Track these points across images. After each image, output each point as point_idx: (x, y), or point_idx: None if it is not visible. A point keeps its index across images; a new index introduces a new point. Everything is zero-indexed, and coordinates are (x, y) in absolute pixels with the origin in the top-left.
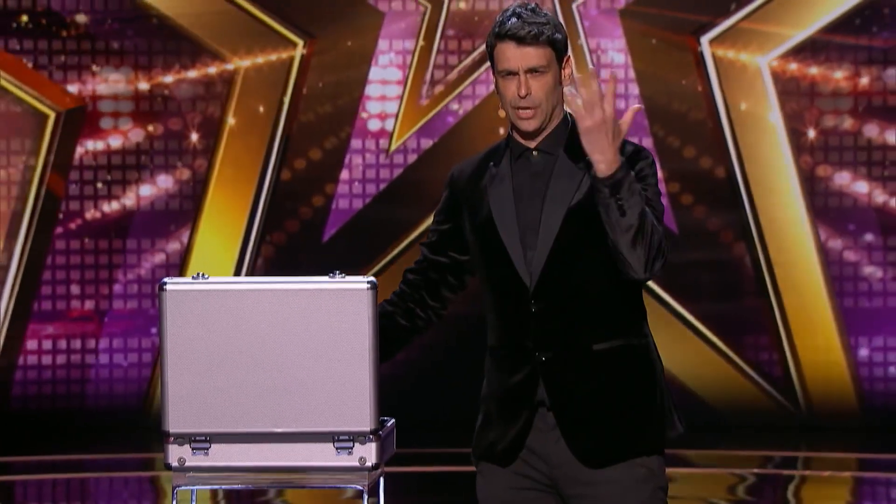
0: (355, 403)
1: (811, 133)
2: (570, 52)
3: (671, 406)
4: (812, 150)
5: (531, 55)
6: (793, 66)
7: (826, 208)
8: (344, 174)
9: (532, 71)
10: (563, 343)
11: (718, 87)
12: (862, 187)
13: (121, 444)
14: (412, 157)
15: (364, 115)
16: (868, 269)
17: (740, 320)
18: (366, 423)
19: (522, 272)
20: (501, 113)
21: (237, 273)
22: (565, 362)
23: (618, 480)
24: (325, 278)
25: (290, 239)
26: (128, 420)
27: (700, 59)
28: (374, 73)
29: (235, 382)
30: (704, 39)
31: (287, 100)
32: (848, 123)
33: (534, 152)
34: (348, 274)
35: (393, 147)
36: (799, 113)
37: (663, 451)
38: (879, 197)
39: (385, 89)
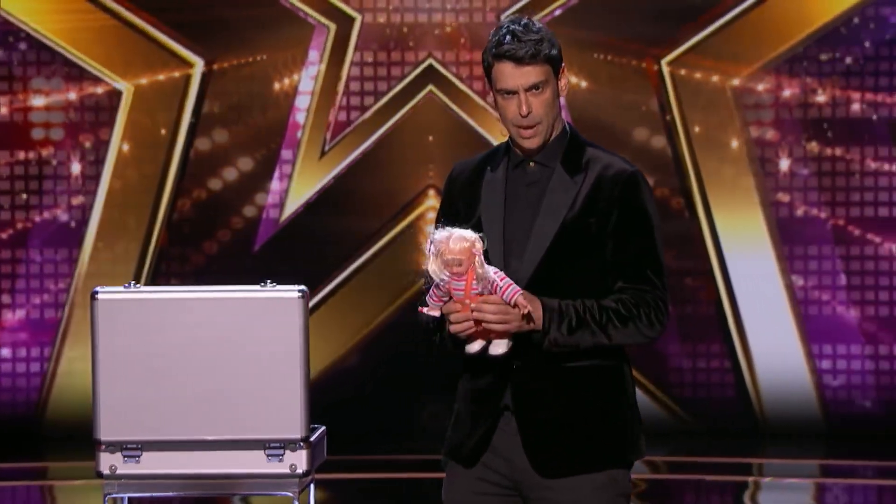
0: (286, 411)
1: (777, 156)
2: (563, 63)
3: (639, 431)
4: (775, 173)
5: (530, 74)
6: (758, 87)
7: (789, 220)
8: (274, 185)
9: (531, 89)
10: (537, 354)
11: (678, 110)
12: (822, 204)
13: (12, 453)
14: (342, 167)
15: (294, 124)
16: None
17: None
18: (296, 431)
19: None
20: (504, 133)
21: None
22: (535, 372)
23: (579, 486)
24: (257, 287)
25: (222, 248)
26: (20, 429)
27: (660, 81)
28: (305, 84)
29: (167, 390)
30: (664, 61)
31: (187, 119)
32: (806, 143)
33: (531, 163)
34: (280, 283)
35: (323, 156)
36: (761, 136)
37: (627, 465)
38: (840, 211)
39: (314, 100)
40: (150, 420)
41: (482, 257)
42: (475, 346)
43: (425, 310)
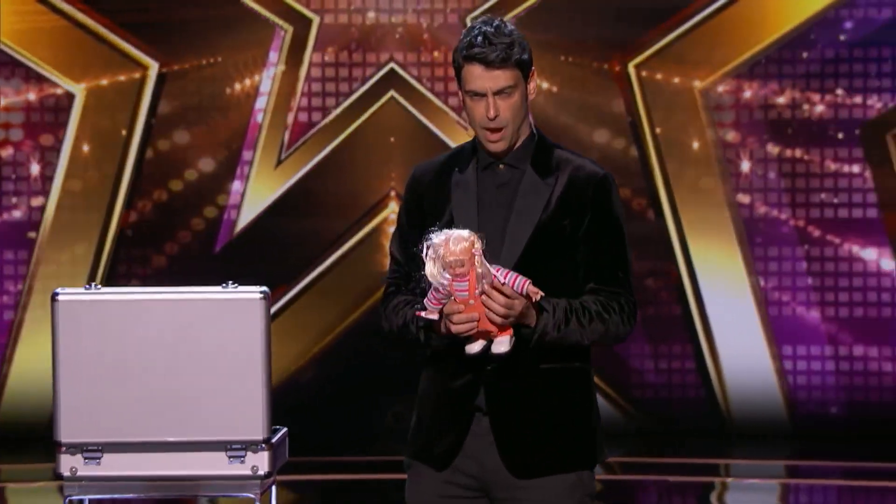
0: (247, 412)
1: (741, 158)
2: (533, 66)
3: (601, 432)
4: (740, 175)
5: (499, 78)
6: (724, 90)
7: (755, 221)
8: (235, 187)
9: (500, 92)
10: (510, 356)
11: (644, 112)
12: (786, 205)
13: None
14: (304, 171)
15: (255, 126)
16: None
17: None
18: (258, 432)
19: None
20: (470, 132)
21: (91, 279)
22: (509, 374)
23: (547, 486)
24: (218, 288)
25: (183, 250)
26: None
27: (626, 84)
28: (265, 86)
29: (128, 392)
30: (631, 64)
31: (142, 121)
32: (770, 145)
33: (500, 165)
34: (241, 284)
35: (279, 165)
36: (726, 137)
37: (594, 466)
38: (802, 212)
39: (272, 102)
40: (111, 421)
41: (482, 256)
42: (476, 347)
43: (423, 313)
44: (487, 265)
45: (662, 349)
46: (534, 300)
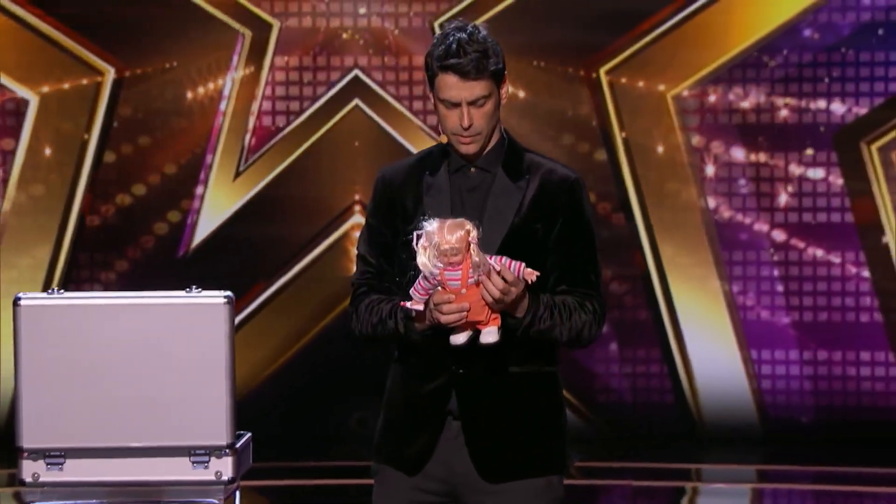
0: (211, 418)
1: (710, 162)
2: (506, 71)
3: (568, 437)
4: (713, 181)
5: (474, 88)
6: (697, 96)
7: (726, 225)
8: (199, 189)
9: (474, 102)
10: (481, 360)
11: (616, 118)
12: (757, 209)
13: None
14: (268, 177)
15: (215, 132)
16: (763, 283)
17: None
18: (222, 438)
19: None
20: (443, 138)
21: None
22: (480, 378)
23: (517, 490)
24: (182, 293)
25: (146, 255)
26: None
27: (597, 90)
28: (225, 91)
29: (91, 397)
30: (602, 70)
31: (98, 126)
32: (741, 151)
33: (471, 168)
34: (206, 289)
35: (244, 169)
36: (695, 142)
37: (563, 471)
38: (771, 216)
39: (238, 106)
40: (74, 427)
41: (477, 244)
42: (462, 338)
43: (409, 304)
44: (483, 254)
45: (630, 353)
46: (529, 282)
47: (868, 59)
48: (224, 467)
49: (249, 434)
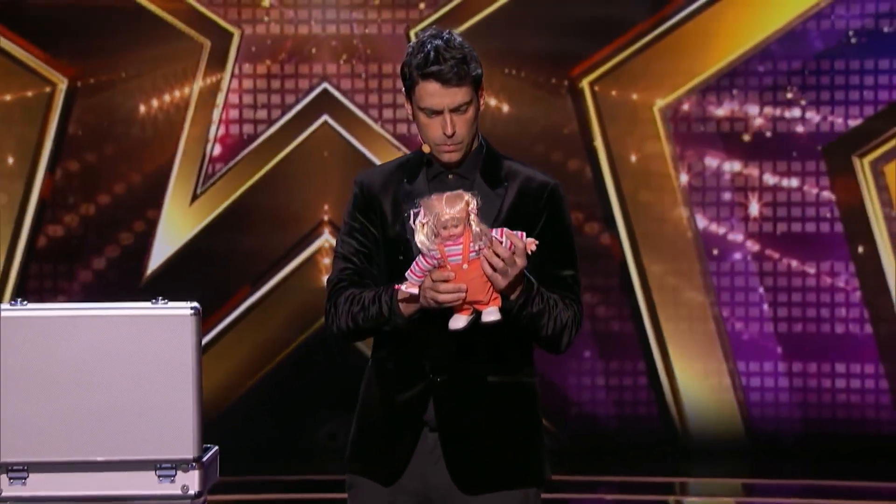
0: (178, 431)
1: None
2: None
3: (547, 451)
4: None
5: (456, 95)
6: (685, 108)
7: (711, 236)
8: (165, 199)
9: (456, 109)
10: (460, 368)
11: (599, 128)
12: (740, 219)
13: None
14: (239, 186)
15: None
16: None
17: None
18: (188, 451)
19: None
20: (426, 148)
21: None
22: (459, 387)
23: (494, 502)
24: (148, 304)
25: (111, 266)
26: None
27: (580, 101)
28: (185, 102)
29: (55, 410)
30: (585, 80)
31: (52, 139)
32: (726, 162)
33: (449, 175)
34: (173, 301)
35: (214, 180)
36: (681, 153)
37: (541, 484)
38: (765, 227)
39: (201, 116)
40: (37, 440)
41: (477, 215)
42: (461, 321)
43: (404, 286)
44: (484, 224)
45: (614, 366)
46: (529, 252)
47: (857, 68)
48: (190, 481)
49: (216, 448)
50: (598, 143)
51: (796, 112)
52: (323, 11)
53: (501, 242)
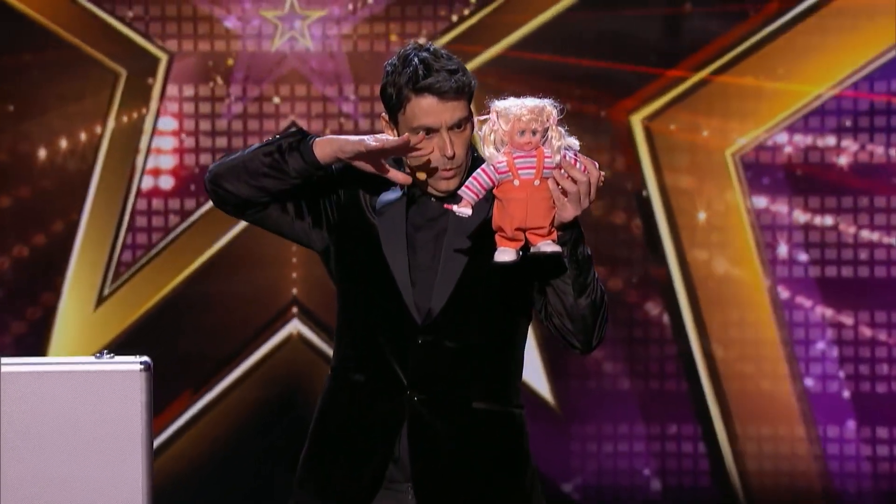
0: (126, 494)
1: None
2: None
3: (538, 487)
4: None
5: (455, 109)
6: (754, 149)
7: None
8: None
9: (454, 126)
10: (442, 387)
11: (653, 172)
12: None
13: None
14: (193, 215)
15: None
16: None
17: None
18: None
19: (410, 304)
20: (421, 175)
21: None
22: (439, 409)
23: None
24: (92, 358)
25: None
26: None
27: (628, 137)
28: (103, 139)
29: None
30: (636, 116)
31: None
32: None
33: (433, 199)
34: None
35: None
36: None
37: None
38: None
39: (122, 155)
40: None
41: (557, 126)
42: (508, 255)
43: (456, 207)
44: (565, 139)
45: (668, 429)
46: (600, 184)
47: None
48: None
49: None
50: (653, 188)
51: (874, 155)
52: (275, 28)
53: (579, 162)
